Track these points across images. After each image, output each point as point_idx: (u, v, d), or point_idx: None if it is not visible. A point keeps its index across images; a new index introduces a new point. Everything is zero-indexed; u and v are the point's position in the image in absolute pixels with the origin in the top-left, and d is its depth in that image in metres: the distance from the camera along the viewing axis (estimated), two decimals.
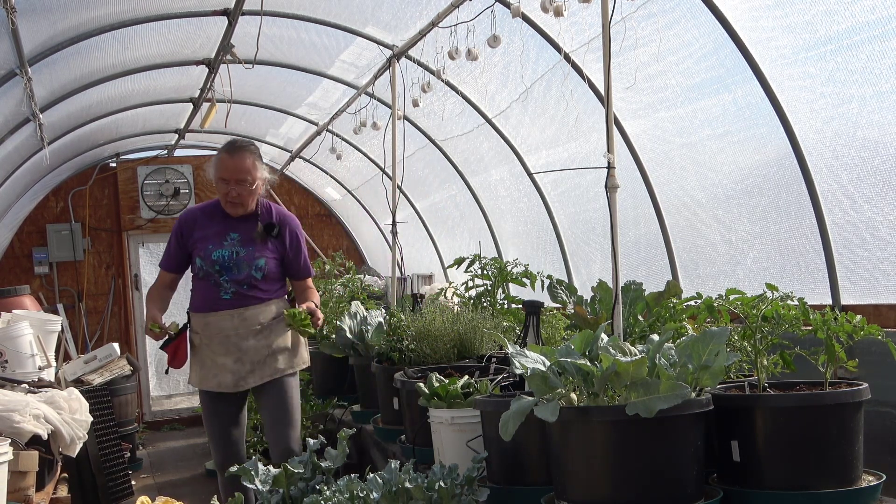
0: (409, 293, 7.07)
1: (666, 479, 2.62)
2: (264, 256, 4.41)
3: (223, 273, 4.38)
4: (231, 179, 4.32)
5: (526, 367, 2.80)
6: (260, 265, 4.39)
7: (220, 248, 4.39)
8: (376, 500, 3.00)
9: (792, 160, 4.18)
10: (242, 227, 4.44)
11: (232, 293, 4.37)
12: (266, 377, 4.40)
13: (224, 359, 4.37)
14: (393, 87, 6.25)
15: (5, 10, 4.45)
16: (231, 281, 4.37)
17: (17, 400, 4.84)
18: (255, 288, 4.40)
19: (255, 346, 4.38)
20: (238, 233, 4.43)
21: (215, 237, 4.42)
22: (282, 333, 4.43)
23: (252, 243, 4.41)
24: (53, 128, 7.59)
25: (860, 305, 3.97)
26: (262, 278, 4.40)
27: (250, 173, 4.33)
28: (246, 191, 4.34)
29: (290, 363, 4.46)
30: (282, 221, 4.50)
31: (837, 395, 2.75)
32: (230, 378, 4.37)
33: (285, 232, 4.48)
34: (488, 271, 5.11)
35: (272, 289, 4.46)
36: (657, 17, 4.45)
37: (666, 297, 3.73)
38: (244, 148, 4.38)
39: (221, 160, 4.37)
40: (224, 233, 4.43)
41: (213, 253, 4.39)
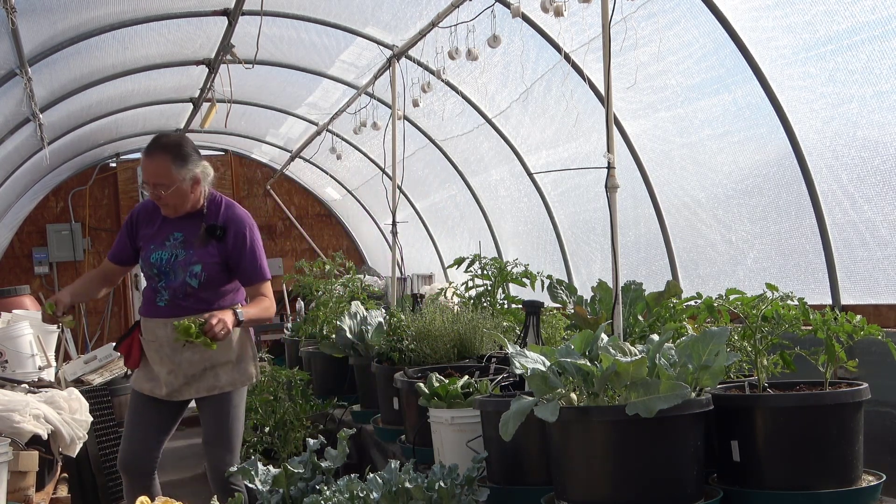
0: (409, 293, 7.07)
1: (666, 479, 2.62)
2: (202, 262, 3.97)
3: (160, 278, 4.00)
4: (149, 182, 3.93)
5: (526, 367, 2.80)
6: (195, 272, 3.96)
7: (160, 249, 4.01)
8: (376, 500, 3.00)
9: (792, 160, 4.18)
10: (188, 226, 4.03)
11: (167, 301, 4.00)
12: (203, 391, 4.03)
13: (159, 368, 4.03)
14: (393, 87, 6.25)
15: (5, 10, 4.46)
16: (167, 287, 4.00)
17: (17, 400, 4.84)
18: (192, 297, 3.98)
19: (191, 359, 3.98)
20: (182, 233, 4.03)
21: (158, 237, 4.04)
22: (225, 346, 3.99)
23: (192, 246, 3.99)
24: (53, 128, 7.59)
25: (860, 305, 3.97)
26: (198, 286, 3.97)
27: (166, 177, 3.87)
28: (167, 194, 3.91)
29: (233, 380, 4.05)
30: (227, 221, 4.03)
31: (837, 395, 2.75)
32: (164, 389, 4.03)
33: (229, 233, 4.01)
34: (488, 271, 5.11)
35: (214, 297, 4.02)
36: (657, 17, 4.45)
37: (666, 297, 3.73)
38: (161, 148, 3.91)
39: (141, 160, 3.99)
40: (168, 232, 4.03)
41: (151, 255, 4.02)
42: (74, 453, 4.65)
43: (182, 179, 3.90)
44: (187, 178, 3.92)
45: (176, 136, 4.10)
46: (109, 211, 11.07)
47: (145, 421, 4.08)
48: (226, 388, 4.04)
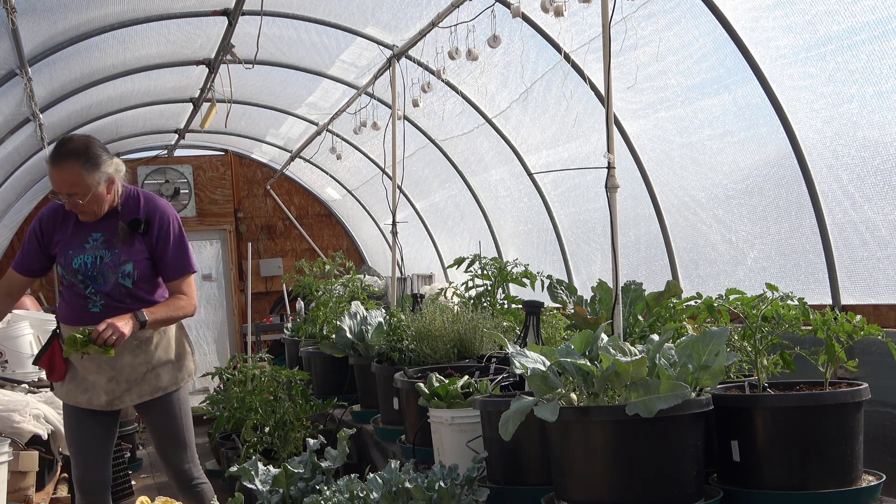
0: (409, 293, 7.07)
1: (666, 479, 2.62)
2: (132, 260, 3.79)
3: (88, 283, 3.78)
4: (62, 192, 3.70)
5: (526, 367, 2.80)
6: (127, 271, 3.78)
7: (81, 252, 3.79)
8: (376, 500, 3.00)
9: (792, 160, 4.18)
10: (106, 225, 3.82)
11: (101, 306, 3.79)
12: (146, 395, 3.90)
13: (96, 377, 3.84)
14: (393, 87, 6.25)
15: (5, 10, 4.46)
16: (99, 292, 3.78)
17: (17, 400, 4.85)
18: (129, 298, 3.81)
19: (132, 363, 3.85)
20: (101, 232, 3.82)
21: (75, 240, 3.81)
22: (165, 346, 3.93)
23: (117, 245, 3.79)
24: (53, 128, 7.59)
25: (860, 305, 3.97)
26: (133, 286, 3.80)
27: (79, 185, 3.65)
28: (85, 202, 3.71)
29: (175, 379, 3.97)
30: (149, 213, 3.84)
31: (837, 395, 2.75)
32: (104, 398, 3.85)
33: (153, 226, 3.83)
34: (488, 271, 5.11)
35: (152, 294, 3.88)
36: (657, 17, 4.46)
37: (666, 297, 3.73)
38: (70, 155, 3.66)
39: (49, 170, 3.72)
40: (85, 234, 3.81)
41: (73, 260, 3.77)
42: None
43: (97, 184, 3.70)
44: (101, 181, 3.71)
45: (82, 138, 3.81)
46: None
47: (91, 438, 3.90)
48: (169, 389, 3.95)
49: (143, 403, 3.93)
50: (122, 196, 3.86)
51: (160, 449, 4.02)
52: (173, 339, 4.00)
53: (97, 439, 3.92)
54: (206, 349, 11.52)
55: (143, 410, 3.98)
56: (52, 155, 3.70)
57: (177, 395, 3.99)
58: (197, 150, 11.52)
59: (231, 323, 11.50)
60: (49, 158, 3.72)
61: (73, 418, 3.91)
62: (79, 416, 3.90)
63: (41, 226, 3.86)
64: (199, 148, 11.50)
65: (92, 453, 3.90)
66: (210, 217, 11.45)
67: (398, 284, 6.71)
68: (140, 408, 3.97)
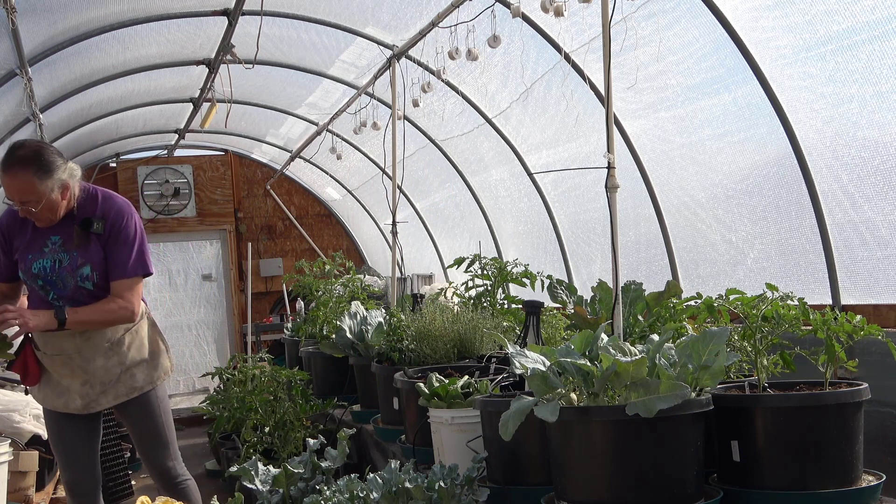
0: (409, 293, 7.07)
1: (666, 479, 2.62)
2: (90, 262, 3.70)
3: (48, 289, 3.71)
4: (15, 200, 3.59)
5: (526, 367, 2.80)
6: (85, 274, 3.69)
7: (40, 257, 3.70)
8: (376, 500, 3.00)
9: (792, 160, 4.18)
10: (64, 228, 3.73)
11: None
12: (122, 396, 3.84)
13: (70, 381, 3.79)
14: (393, 88, 6.25)
15: (5, 10, 4.46)
16: (60, 297, 3.71)
17: (17, 400, 4.84)
18: (93, 300, 3.72)
19: (105, 365, 3.79)
20: (59, 235, 3.72)
21: (34, 244, 3.72)
22: (137, 346, 3.86)
23: (73, 248, 3.70)
24: (53, 128, 7.60)
25: (860, 305, 3.97)
26: (94, 288, 3.71)
27: (32, 193, 3.54)
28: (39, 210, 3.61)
29: (151, 378, 3.90)
30: (105, 211, 3.73)
31: (837, 395, 2.75)
32: (79, 401, 3.80)
33: (108, 223, 3.72)
34: (488, 271, 5.11)
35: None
36: (657, 17, 4.46)
37: (666, 297, 3.73)
38: (20, 162, 3.52)
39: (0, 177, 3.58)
40: (44, 237, 3.71)
41: (32, 265, 3.70)
42: None
43: (50, 190, 3.58)
44: (55, 187, 3.59)
45: (33, 144, 3.69)
46: None
47: (74, 441, 3.86)
48: (146, 388, 3.88)
49: (121, 404, 3.87)
50: (80, 197, 3.75)
51: (142, 449, 3.95)
52: (146, 338, 3.93)
53: (80, 441, 3.87)
54: (206, 349, 11.52)
55: (121, 412, 3.92)
56: (3, 162, 3.55)
57: (154, 393, 3.91)
58: (197, 150, 11.52)
59: (231, 323, 11.49)
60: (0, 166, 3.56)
61: (54, 422, 3.87)
62: (59, 419, 3.86)
63: (1, 232, 3.75)
64: (199, 148, 11.50)
65: (77, 455, 3.86)
66: (210, 217, 11.45)
67: (398, 284, 6.71)
68: (118, 409, 3.90)
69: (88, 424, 3.90)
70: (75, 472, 3.86)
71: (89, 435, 3.91)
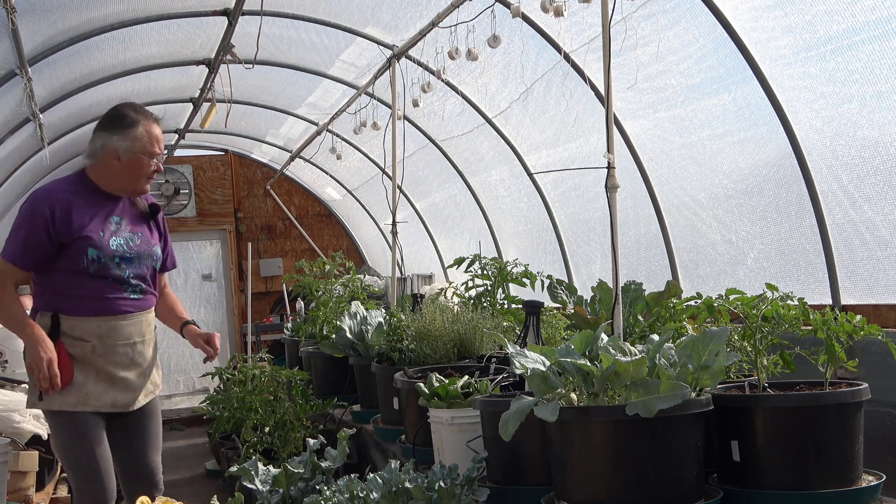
0: (409, 293, 7.07)
1: (666, 479, 2.62)
2: (157, 244, 3.69)
3: (125, 267, 3.55)
4: (160, 151, 3.59)
5: (526, 367, 2.80)
6: (157, 255, 3.67)
7: (114, 234, 3.54)
8: (376, 500, 3.00)
9: (792, 160, 4.18)
10: (120, 209, 3.62)
11: (139, 291, 3.60)
12: (150, 395, 3.70)
13: (126, 373, 3.56)
14: (393, 87, 6.25)
15: (5, 10, 4.46)
16: (136, 276, 3.59)
17: (17, 400, 4.84)
18: (153, 284, 3.68)
19: (150, 357, 3.68)
20: (120, 216, 3.60)
21: (100, 222, 3.53)
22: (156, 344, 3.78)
23: (141, 228, 3.64)
24: (53, 128, 7.59)
25: (860, 305, 3.97)
26: (158, 270, 3.72)
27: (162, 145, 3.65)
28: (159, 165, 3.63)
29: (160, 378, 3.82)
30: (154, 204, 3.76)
31: (837, 395, 2.75)
32: (130, 396, 3.58)
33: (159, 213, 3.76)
34: (488, 271, 5.11)
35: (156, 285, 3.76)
36: (657, 17, 4.46)
37: (666, 297, 3.73)
38: (154, 116, 3.66)
39: (149, 130, 3.54)
40: (106, 217, 3.56)
41: (110, 242, 3.51)
42: None
43: None
44: None
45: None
46: None
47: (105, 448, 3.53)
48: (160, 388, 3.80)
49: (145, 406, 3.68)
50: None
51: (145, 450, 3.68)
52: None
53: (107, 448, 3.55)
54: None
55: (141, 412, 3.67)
56: (146, 115, 3.57)
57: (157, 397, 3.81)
58: (197, 150, 11.52)
59: (231, 323, 11.50)
60: (151, 117, 3.58)
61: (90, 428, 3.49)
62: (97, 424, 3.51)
63: (53, 213, 3.43)
64: (199, 148, 11.50)
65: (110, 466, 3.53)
66: (210, 217, 11.45)
67: (398, 284, 6.71)
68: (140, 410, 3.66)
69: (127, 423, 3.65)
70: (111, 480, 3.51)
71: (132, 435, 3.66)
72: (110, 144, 3.53)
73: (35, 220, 3.43)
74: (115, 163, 3.53)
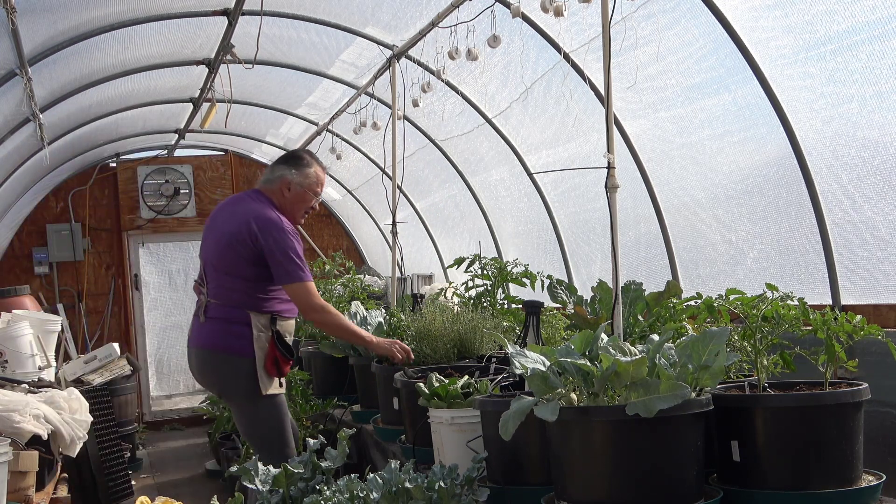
0: (409, 293, 7.07)
1: (666, 479, 2.62)
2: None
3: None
4: (321, 193, 4.40)
5: (526, 367, 2.80)
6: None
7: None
8: (376, 500, 3.00)
9: (792, 160, 4.18)
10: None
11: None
12: None
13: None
14: (393, 87, 6.25)
15: (5, 10, 4.45)
16: None
17: (17, 400, 4.84)
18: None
19: None
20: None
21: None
22: None
23: None
24: (53, 128, 7.59)
25: (860, 305, 3.97)
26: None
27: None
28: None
29: None
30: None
31: (837, 395, 2.75)
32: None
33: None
34: (488, 271, 5.11)
35: None
36: (657, 17, 4.45)
37: (666, 297, 3.73)
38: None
39: (318, 173, 4.35)
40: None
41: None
42: (74, 453, 4.65)
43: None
44: None
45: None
46: (109, 211, 11.06)
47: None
48: None
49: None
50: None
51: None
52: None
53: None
54: None
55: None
56: (319, 160, 4.37)
57: None
58: (197, 150, 11.52)
59: None
60: (320, 164, 4.36)
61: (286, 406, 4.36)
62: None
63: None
64: (199, 148, 11.49)
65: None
66: None
67: (398, 284, 6.70)
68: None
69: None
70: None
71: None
72: (286, 177, 4.30)
73: (297, 241, 4.21)
74: (286, 192, 4.30)
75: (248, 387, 4.23)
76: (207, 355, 4.32)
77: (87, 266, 10.86)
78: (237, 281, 4.24)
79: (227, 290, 4.28)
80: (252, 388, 4.22)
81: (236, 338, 4.22)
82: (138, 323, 11.14)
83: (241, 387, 4.25)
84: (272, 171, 4.40)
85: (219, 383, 4.42)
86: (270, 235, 4.13)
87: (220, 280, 4.31)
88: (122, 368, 7.55)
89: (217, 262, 4.33)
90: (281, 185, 4.30)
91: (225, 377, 4.32)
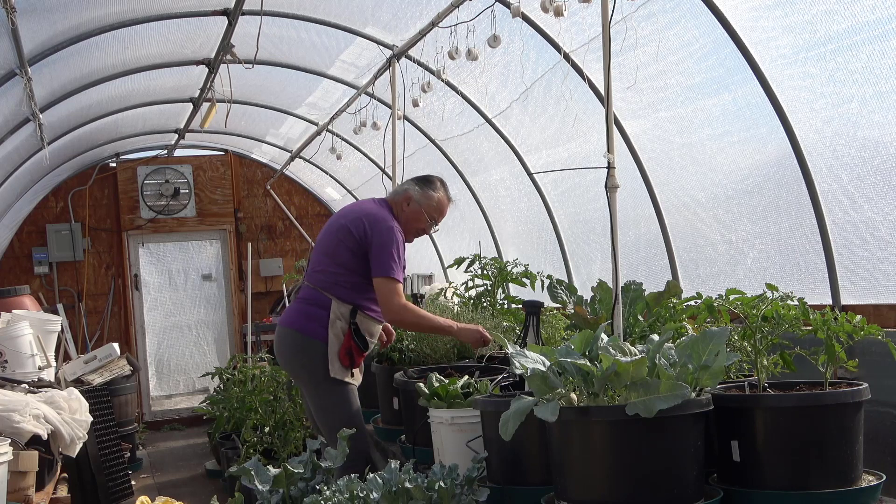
0: (410, 293, 7.06)
1: (666, 479, 2.62)
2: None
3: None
4: (438, 220, 4.47)
5: (526, 367, 2.80)
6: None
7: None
8: (376, 500, 3.00)
9: (792, 160, 4.17)
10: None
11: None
12: None
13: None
14: (393, 87, 6.25)
15: (5, 10, 4.45)
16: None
17: (17, 400, 4.84)
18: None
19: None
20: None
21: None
22: None
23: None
24: (53, 128, 7.59)
25: (860, 305, 3.97)
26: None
27: None
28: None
29: None
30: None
31: (837, 395, 2.75)
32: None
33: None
34: (488, 271, 5.11)
35: None
36: (657, 17, 4.45)
37: (666, 297, 3.73)
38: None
39: (442, 202, 4.44)
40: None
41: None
42: (74, 453, 4.65)
43: None
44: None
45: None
46: (109, 211, 11.07)
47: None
48: None
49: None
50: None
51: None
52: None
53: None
54: (206, 349, 11.52)
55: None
56: (449, 192, 4.49)
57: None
58: (197, 150, 11.51)
59: (231, 323, 11.49)
60: (447, 192, 4.47)
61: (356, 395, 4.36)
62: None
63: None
64: (199, 148, 11.49)
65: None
66: (210, 217, 11.45)
67: None
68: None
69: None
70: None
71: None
72: (410, 192, 4.41)
73: (403, 246, 4.30)
74: (406, 207, 4.40)
75: (314, 369, 4.23)
76: (284, 333, 4.37)
77: (86, 266, 10.86)
78: (332, 265, 4.31)
79: (320, 273, 4.35)
80: (318, 371, 4.23)
81: (311, 319, 4.26)
82: (138, 323, 11.14)
83: (308, 368, 4.27)
84: (402, 184, 4.59)
85: (290, 362, 4.43)
86: (378, 231, 4.24)
87: (319, 262, 4.40)
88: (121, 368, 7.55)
89: (321, 246, 4.47)
90: (404, 198, 4.42)
91: (294, 356, 4.35)
